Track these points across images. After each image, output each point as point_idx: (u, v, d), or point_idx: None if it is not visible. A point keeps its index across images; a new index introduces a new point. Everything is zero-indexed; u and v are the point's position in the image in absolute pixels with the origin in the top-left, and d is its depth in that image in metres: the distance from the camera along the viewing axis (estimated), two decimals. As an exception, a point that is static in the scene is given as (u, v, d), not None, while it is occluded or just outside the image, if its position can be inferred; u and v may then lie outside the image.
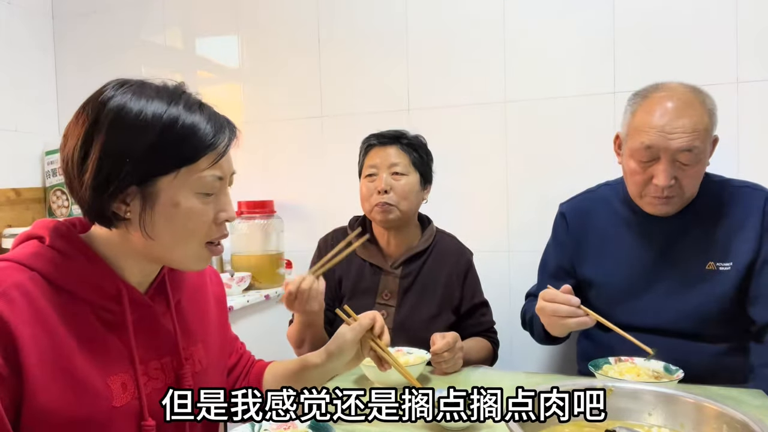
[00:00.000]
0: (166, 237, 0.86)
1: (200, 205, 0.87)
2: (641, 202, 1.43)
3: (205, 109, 0.91)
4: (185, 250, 0.88)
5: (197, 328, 1.00)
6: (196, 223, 0.87)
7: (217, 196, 0.91)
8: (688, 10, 1.82)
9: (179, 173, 0.84)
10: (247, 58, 2.34)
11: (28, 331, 0.76)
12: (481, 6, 2.03)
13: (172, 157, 0.84)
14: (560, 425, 0.97)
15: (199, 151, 0.86)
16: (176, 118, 0.85)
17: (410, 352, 1.42)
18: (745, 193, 1.44)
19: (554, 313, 1.26)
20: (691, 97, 1.35)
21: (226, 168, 0.92)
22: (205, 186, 0.87)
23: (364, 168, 1.65)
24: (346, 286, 1.64)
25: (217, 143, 0.89)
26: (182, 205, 0.85)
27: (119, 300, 0.86)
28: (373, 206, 1.59)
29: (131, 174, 0.81)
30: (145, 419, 0.86)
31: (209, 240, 0.90)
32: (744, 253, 1.38)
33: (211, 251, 0.91)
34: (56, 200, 2.42)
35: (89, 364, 0.81)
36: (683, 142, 1.31)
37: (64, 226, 0.88)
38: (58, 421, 0.77)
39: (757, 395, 1.24)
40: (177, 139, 0.84)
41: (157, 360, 0.92)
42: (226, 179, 0.93)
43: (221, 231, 0.92)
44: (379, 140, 1.64)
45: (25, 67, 2.44)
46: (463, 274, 1.67)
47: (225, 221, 0.91)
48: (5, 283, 0.77)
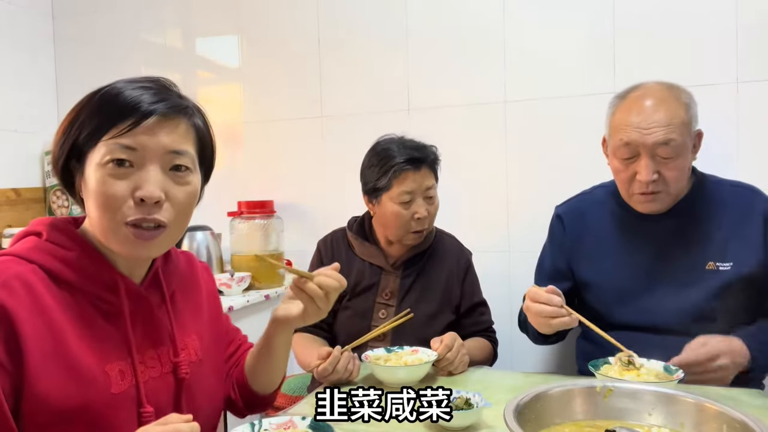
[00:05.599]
0: (93, 213, 0.85)
1: (106, 176, 0.82)
2: (631, 201, 1.45)
3: (155, 88, 0.86)
4: (106, 227, 0.84)
5: (191, 320, 1.01)
6: (104, 197, 0.82)
7: (137, 172, 0.83)
8: (688, 11, 1.82)
9: (97, 146, 0.83)
10: (247, 58, 2.34)
11: (29, 320, 0.77)
12: (481, 6, 2.03)
13: (89, 126, 0.83)
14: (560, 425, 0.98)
15: (111, 118, 0.82)
16: (106, 88, 0.85)
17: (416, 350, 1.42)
18: (741, 193, 1.45)
19: (539, 313, 1.28)
20: (666, 93, 1.39)
21: (146, 142, 0.82)
22: (109, 154, 0.81)
23: (395, 192, 1.53)
24: (347, 285, 1.63)
25: (133, 111, 0.82)
26: (95, 176, 0.82)
27: (116, 291, 0.87)
28: (408, 233, 1.57)
29: (68, 148, 0.85)
30: (144, 406, 0.87)
31: (128, 220, 0.83)
32: (746, 253, 1.39)
33: (135, 235, 0.83)
34: (56, 200, 2.42)
35: (88, 352, 0.82)
36: (659, 135, 1.34)
37: (61, 221, 0.90)
38: (58, 408, 0.78)
39: (757, 395, 1.24)
40: (96, 107, 0.84)
41: (154, 349, 0.92)
42: (145, 152, 0.83)
43: (143, 212, 0.83)
44: (413, 165, 1.52)
45: (25, 67, 2.44)
46: (463, 274, 1.67)
47: (142, 200, 0.82)
48: (6, 274, 0.79)
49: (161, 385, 0.91)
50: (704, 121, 1.45)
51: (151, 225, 0.84)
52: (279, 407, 1.87)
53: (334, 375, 1.31)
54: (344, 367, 1.32)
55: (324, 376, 1.32)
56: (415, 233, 1.57)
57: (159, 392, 0.91)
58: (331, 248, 1.69)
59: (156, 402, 0.89)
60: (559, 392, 1.01)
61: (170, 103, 0.85)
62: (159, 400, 0.90)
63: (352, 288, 1.63)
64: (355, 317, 1.60)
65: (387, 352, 1.43)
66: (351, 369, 1.33)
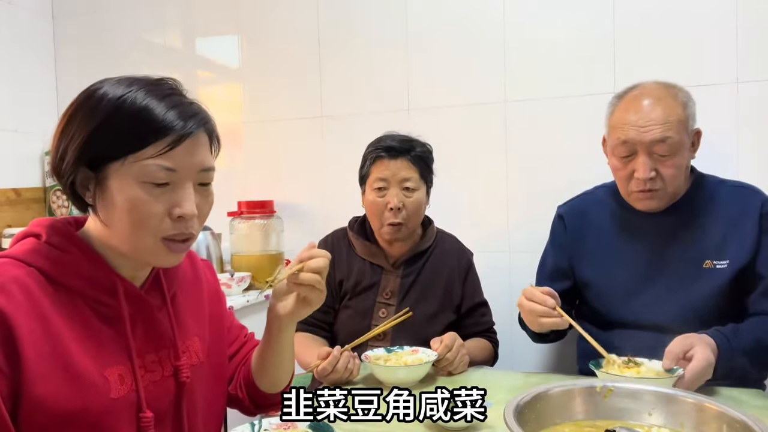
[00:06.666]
0: (118, 226, 0.84)
1: (145, 195, 0.82)
2: (630, 199, 1.46)
3: (174, 98, 0.85)
4: (138, 242, 0.84)
5: (193, 322, 1.00)
6: (141, 214, 0.82)
7: (173, 190, 0.84)
8: (688, 10, 1.82)
9: (126, 160, 0.81)
10: (247, 58, 2.34)
11: (27, 325, 0.77)
12: (481, 6, 2.03)
13: (116, 140, 0.81)
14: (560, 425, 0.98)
15: (145, 136, 0.81)
16: (127, 99, 0.82)
17: (416, 350, 1.42)
18: (740, 193, 1.45)
19: (530, 311, 1.31)
20: (663, 92, 1.41)
21: (182, 160, 0.83)
22: (148, 175, 0.81)
23: (372, 179, 1.58)
24: (348, 285, 1.64)
25: (169, 131, 0.82)
26: (126, 194, 0.81)
27: (115, 294, 0.87)
28: (384, 224, 1.57)
29: (80, 157, 0.82)
30: (143, 411, 0.86)
31: (165, 236, 0.84)
32: (741, 252, 1.39)
33: (168, 248, 0.85)
34: (56, 200, 2.42)
35: (87, 356, 0.82)
36: (656, 133, 1.36)
37: (60, 222, 0.89)
38: (56, 413, 0.78)
39: (757, 395, 1.24)
40: (123, 121, 0.81)
41: (154, 353, 0.92)
42: (182, 173, 0.84)
43: (179, 228, 0.85)
44: (388, 153, 1.56)
45: (25, 67, 2.44)
46: (464, 274, 1.67)
47: (180, 217, 0.84)
48: (3, 277, 0.78)
49: (162, 389, 0.91)
50: (704, 121, 1.45)
51: (183, 237, 0.86)
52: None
53: (334, 374, 1.31)
54: (344, 366, 1.32)
55: (324, 375, 1.32)
56: (390, 225, 1.56)
57: (159, 396, 0.90)
58: (332, 248, 1.69)
59: (156, 406, 0.88)
60: (559, 392, 1.01)
61: (198, 119, 0.86)
62: (159, 404, 0.89)
63: (352, 287, 1.63)
64: (356, 317, 1.60)
65: (387, 352, 1.43)
66: (351, 368, 1.34)
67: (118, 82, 0.85)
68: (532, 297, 1.32)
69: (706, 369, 1.19)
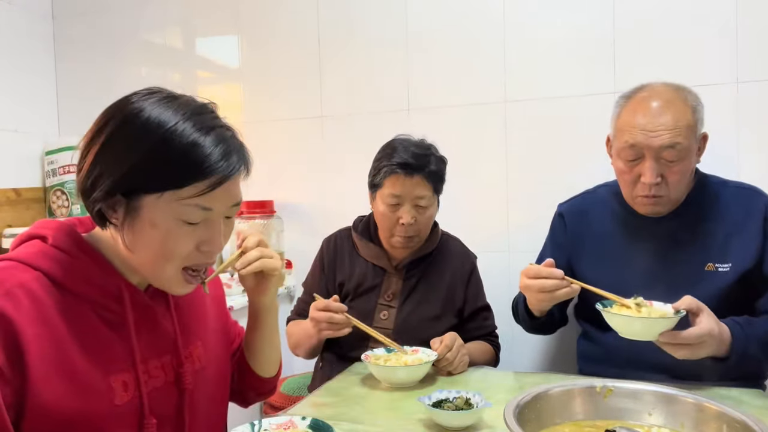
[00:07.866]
0: (143, 253, 0.84)
1: (179, 231, 0.83)
2: (633, 203, 1.44)
3: (218, 130, 0.85)
4: (159, 270, 0.86)
5: (196, 327, 1.01)
6: (172, 248, 0.84)
7: (205, 226, 0.85)
8: (687, 11, 1.82)
9: (164, 195, 0.81)
10: (247, 58, 2.34)
11: (32, 330, 0.77)
12: (481, 6, 2.03)
13: (159, 176, 0.81)
14: (560, 425, 0.98)
15: (187, 177, 0.81)
16: (175, 132, 0.80)
17: (416, 350, 1.42)
18: (743, 194, 1.44)
19: (542, 288, 1.27)
20: (672, 95, 1.37)
21: (219, 200, 0.84)
22: (185, 214, 0.83)
23: (384, 192, 1.54)
24: (349, 286, 1.64)
25: (211, 172, 0.82)
26: (160, 228, 0.82)
27: (120, 299, 0.87)
28: (394, 235, 1.56)
29: (115, 186, 0.80)
30: (146, 418, 0.86)
31: (186, 265, 0.86)
32: (744, 255, 1.38)
33: (186, 279, 0.87)
34: (56, 200, 2.42)
35: (91, 363, 0.82)
36: (665, 139, 1.33)
37: (67, 226, 0.88)
38: (60, 419, 0.78)
39: (757, 395, 1.24)
40: (169, 157, 0.80)
41: (158, 359, 0.92)
42: (217, 211, 0.86)
43: (202, 259, 0.87)
44: (404, 170, 1.50)
45: (25, 67, 2.44)
46: (467, 277, 1.66)
47: (209, 252, 0.87)
48: (9, 282, 0.78)
49: (164, 394, 0.91)
50: (704, 121, 1.45)
51: (203, 268, 0.89)
52: (279, 407, 1.87)
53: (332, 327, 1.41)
54: (339, 308, 1.41)
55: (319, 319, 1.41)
56: (401, 239, 1.56)
57: (162, 402, 0.90)
58: (335, 248, 1.69)
59: (159, 412, 0.89)
60: (559, 392, 1.01)
61: (239, 157, 0.86)
62: (162, 409, 0.90)
63: (354, 288, 1.63)
64: (356, 318, 1.60)
65: (387, 352, 1.43)
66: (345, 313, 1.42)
67: (159, 104, 0.83)
68: (538, 274, 1.28)
69: (707, 334, 1.18)
